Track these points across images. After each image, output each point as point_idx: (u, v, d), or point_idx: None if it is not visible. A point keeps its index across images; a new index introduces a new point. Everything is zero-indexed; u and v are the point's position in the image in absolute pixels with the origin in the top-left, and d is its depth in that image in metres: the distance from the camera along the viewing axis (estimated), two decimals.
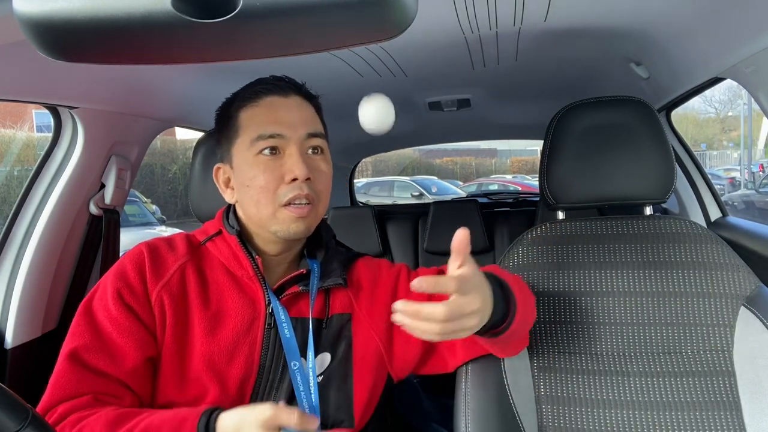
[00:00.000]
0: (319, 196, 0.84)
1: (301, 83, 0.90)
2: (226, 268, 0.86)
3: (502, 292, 0.77)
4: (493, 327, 0.76)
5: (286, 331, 0.83)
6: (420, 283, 0.62)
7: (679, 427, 0.92)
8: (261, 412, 0.64)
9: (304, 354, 0.83)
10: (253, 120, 0.83)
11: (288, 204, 0.81)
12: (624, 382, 0.96)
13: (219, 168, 0.89)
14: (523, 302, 0.82)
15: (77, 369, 0.76)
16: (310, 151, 0.85)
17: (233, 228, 0.86)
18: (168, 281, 0.83)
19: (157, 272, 0.83)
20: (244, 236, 0.88)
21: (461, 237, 0.65)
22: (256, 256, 0.85)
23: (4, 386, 0.55)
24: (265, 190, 0.81)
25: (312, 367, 0.82)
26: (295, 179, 0.80)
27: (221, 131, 0.88)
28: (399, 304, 0.64)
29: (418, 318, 0.64)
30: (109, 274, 0.83)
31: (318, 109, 0.91)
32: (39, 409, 0.74)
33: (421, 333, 0.65)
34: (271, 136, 0.81)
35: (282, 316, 0.83)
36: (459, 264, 0.66)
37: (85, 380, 0.76)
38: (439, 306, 0.64)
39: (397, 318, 0.65)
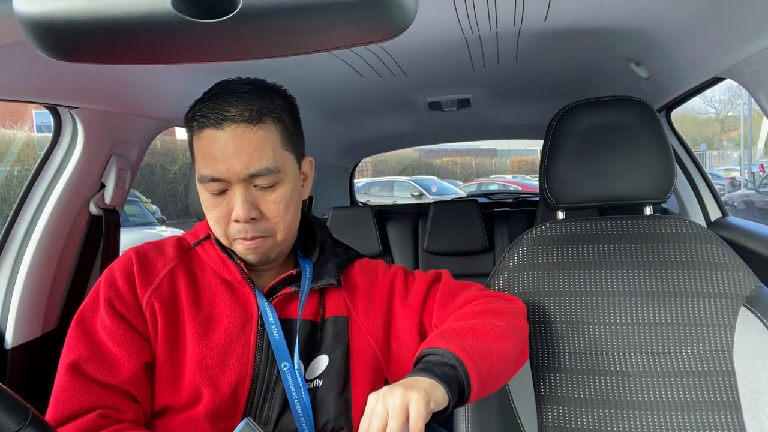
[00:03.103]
0: (273, 230, 0.81)
1: (261, 91, 0.78)
2: (217, 272, 0.85)
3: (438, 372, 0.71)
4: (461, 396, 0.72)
5: (275, 332, 0.82)
6: None
7: (679, 427, 0.92)
8: None
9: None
10: (198, 154, 0.79)
11: (238, 238, 0.81)
12: (624, 382, 0.96)
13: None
14: (482, 352, 0.75)
15: (78, 381, 0.76)
16: (259, 187, 0.78)
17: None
18: (158, 286, 0.82)
19: (146, 278, 0.82)
20: None
21: None
22: (239, 261, 0.84)
23: (4, 386, 0.55)
24: (217, 224, 0.81)
25: (298, 369, 0.82)
26: (238, 220, 0.78)
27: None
28: None
29: None
30: (100, 282, 0.83)
31: (278, 121, 0.79)
32: None
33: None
34: (213, 179, 0.77)
35: (271, 318, 0.83)
36: None
37: (87, 393, 0.76)
38: None
39: None
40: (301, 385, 0.81)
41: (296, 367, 0.82)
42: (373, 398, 0.66)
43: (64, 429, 0.73)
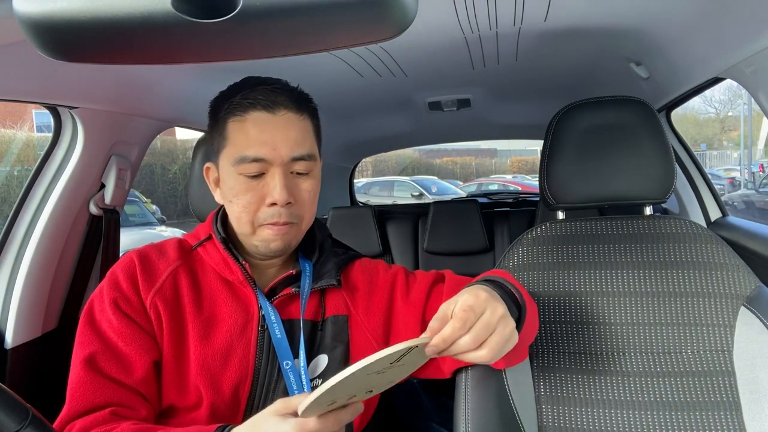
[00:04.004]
0: (301, 217, 0.84)
1: (295, 87, 0.85)
2: (218, 272, 0.86)
3: (511, 299, 0.77)
4: None
5: (277, 331, 0.82)
6: (433, 324, 0.64)
7: (679, 427, 0.92)
8: (272, 406, 0.65)
9: (297, 355, 0.83)
10: (238, 135, 0.80)
11: (266, 224, 0.81)
12: (624, 382, 0.96)
13: (209, 168, 0.88)
14: (531, 310, 0.82)
15: (94, 376, 0.77)
16: (295, 172, 0.82)
17: (220, 234, 0.86)
18: (161, 287, 0.83)
19: (149, 279, 0.83)
20: (233, 240, 0.87)
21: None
22: (244, 262, 0.84)
23: (4, 386, 0.55)
24: (246, 210, 0.81)
25: (303, 366, 0.82)
26: (274, 203, 0.80)
27: (212, 131, 0.86)
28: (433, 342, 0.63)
29: (446, 345, 0.63)
30: (103, 284, 0.83)
31: (313, 116, 0.86)
32: (59, 421, 0.75)
33: (475, 358, 0.65)
34: (255, 160, 0.78)
35: (273, 317, 0.83)
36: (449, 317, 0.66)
37: (101, 389, 0.76)
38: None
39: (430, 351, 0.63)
40: (304, 382, 0.82)
41: (302, 364, 0.82)
42: (471, 298, 0.67)
43: (76, 423, 0.74)
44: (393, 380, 0.67)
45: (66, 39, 0.40)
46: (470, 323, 0.64)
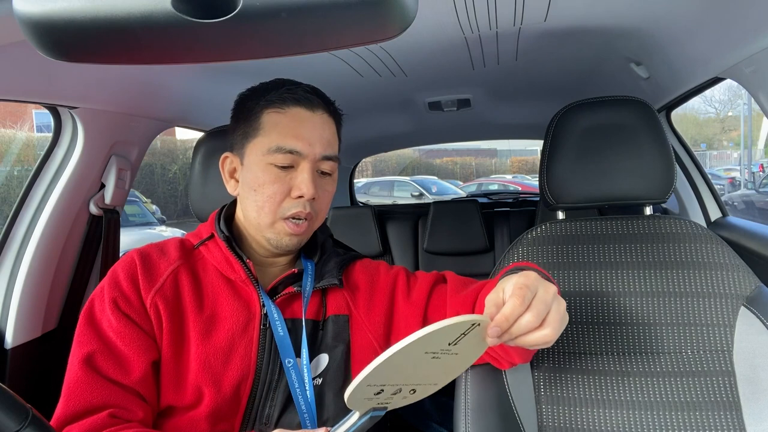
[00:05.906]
0: (318, 214, 0.87)
1: (323, 93, 0.89)
2: (220, 271, 0.86)
3: None
4: None
5: (280, 329, 0.83)
6: (489, 310, 0.62)
7: (679, 427, 0.92)
8: None
9: (299, 354, 0.84)
10: (275, 127, 0.82)
11: (288, 218, 0.83)
12: (624, 382, 0.96)
13: (227, 157, 0.89)
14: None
15: (91, 376, 0.77)
16: (320, 171, 0.85)
17: (223, 233, 0.86)
18: (161, 286, 0.83)
19: (149, 278, 0.83)
20: (236, 238, 0.88)
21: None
22: (247, 260, 0.85)
23: (4, 386, 0.55)
24: (270, 200, 0.82)
25: (306, 364, 0.82)
26: (301, 196, 0.82)
27: (238, 122, 0.87)
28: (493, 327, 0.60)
29: (509, 323, 0.61)
30: (104, 283, 0.83)
31: (339, 123, 0.91)
32: (54, 420, 0.75)
33: (538, 338, 0.62)
34: (290, 152, 0.81)
35: (275, 315, 0.84)
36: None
37: (99, 389, 0.76)
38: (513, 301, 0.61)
39: (492, 337, 0.61)
40: (306, 380, 0.82)
41: (304, 362, 0.82)
42: (521, 278, 0.64)
43: (73, 427, 0.73)
44: (438, 382, 0.65)
45: (66, 39, 0.40)
46: (528, 300, 0.62)
